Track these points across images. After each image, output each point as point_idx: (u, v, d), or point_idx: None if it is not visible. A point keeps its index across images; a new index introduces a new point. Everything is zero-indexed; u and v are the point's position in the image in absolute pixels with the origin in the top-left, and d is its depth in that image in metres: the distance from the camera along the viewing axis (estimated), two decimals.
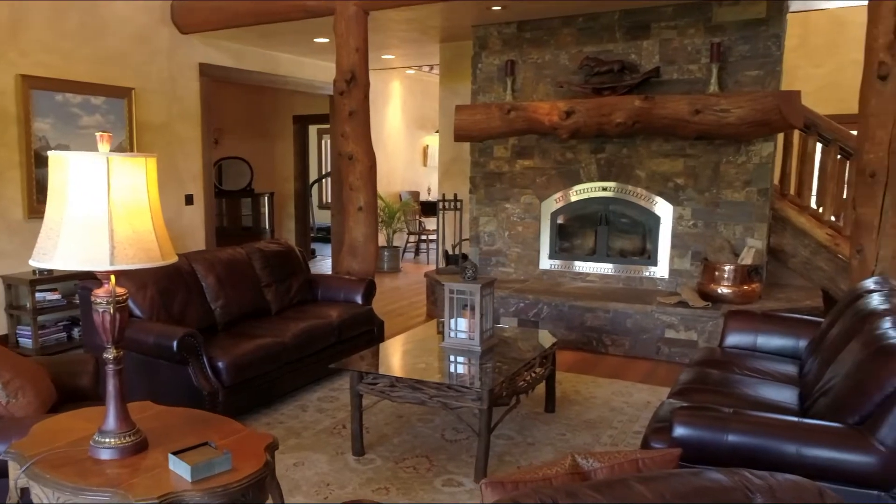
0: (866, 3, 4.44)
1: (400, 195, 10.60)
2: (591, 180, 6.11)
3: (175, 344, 3.59)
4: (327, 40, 6.57)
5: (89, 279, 3.94)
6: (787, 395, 3.23)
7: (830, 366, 2.98)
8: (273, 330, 4.26)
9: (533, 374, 3.78)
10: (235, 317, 4.42)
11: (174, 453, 1.98)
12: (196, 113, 6.63)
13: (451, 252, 7.07)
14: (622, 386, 4.69)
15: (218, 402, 3.67)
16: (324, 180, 12.86)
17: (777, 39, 5.48)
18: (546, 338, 4.20)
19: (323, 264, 9.95)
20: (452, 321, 3.86)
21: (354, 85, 5.35)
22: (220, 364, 3.75)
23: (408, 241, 10.85)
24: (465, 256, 6.86)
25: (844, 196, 6.33)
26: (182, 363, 3.66)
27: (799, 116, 5.32)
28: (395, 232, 9.69)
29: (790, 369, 3.63)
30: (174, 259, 2.09)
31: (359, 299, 5.01)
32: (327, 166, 12.74)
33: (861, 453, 2.33)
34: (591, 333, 5.55)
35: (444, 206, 6.92)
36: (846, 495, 2.35)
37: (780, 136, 6.02)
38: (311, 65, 8.14)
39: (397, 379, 3.43)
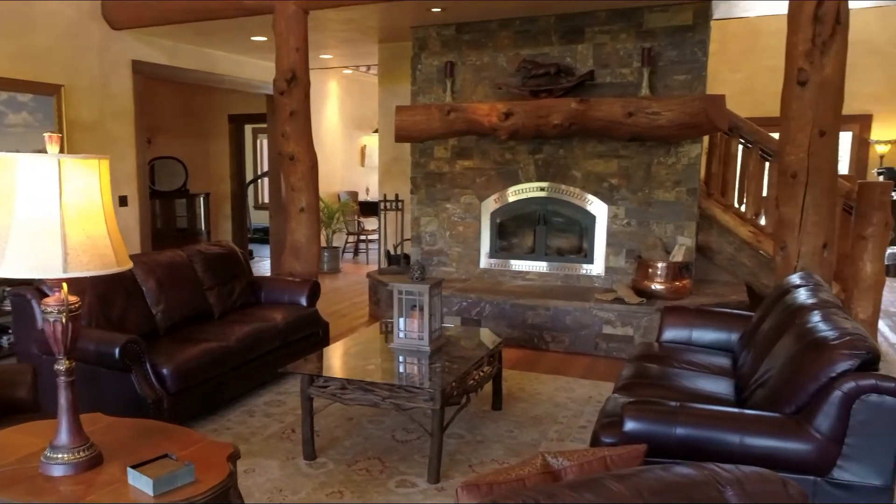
0: (783, 12, 4.62)
1: (338, 195, 10.49)
2: (530, 180, 6.20)
3: (117, 351, 3.46)
4: (265, 39, 6.45)
5: (22, 285, 3.75)
6: (723, 387, 3.36)
7: (765, 359, 3.11)
8: (217, 334, 4.16)
9: (481, 373, 3.81)
10: (177, 321, 4.28)
11: (133, 467, 1.91)
12: (129, 111, 6.38)
13: (392, 252, 7.05)
14: (564, 382, 4.78)
15: (163, 409, 3.55)
16: (259, 181, 12.61)
17: (703, 45, 5.68)
18: (492, 336, 4.24)
19: (261, 266, 9.77)
20: (401, 321, 3.85)
21: (295, 85, 5.27)
22: (164, 371, 3.64)
23: (347, 242, 10.75)
24: (406, 257, 6.85)
25: (764, 195, 6.63)
26: (124, 371, 3.53)
27: (724, 119, 5.53)
28: (334, 232, 9.58)
29: (724, 362, 3.78)
30: (129, 265, 2.02)
31: (303, 301, 4.94)
32: (262, 166, 12.50)
33: (799, 441, 2.45)
34: (532, 331, 5.63)
35: (385, 207, 6.89)
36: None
37: (706, 138, 6.24)
38: (248, 63, 7.96)
39: (349, 381, 3.40)
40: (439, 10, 5.70)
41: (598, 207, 6.02)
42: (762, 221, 6.54)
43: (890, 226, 5.52)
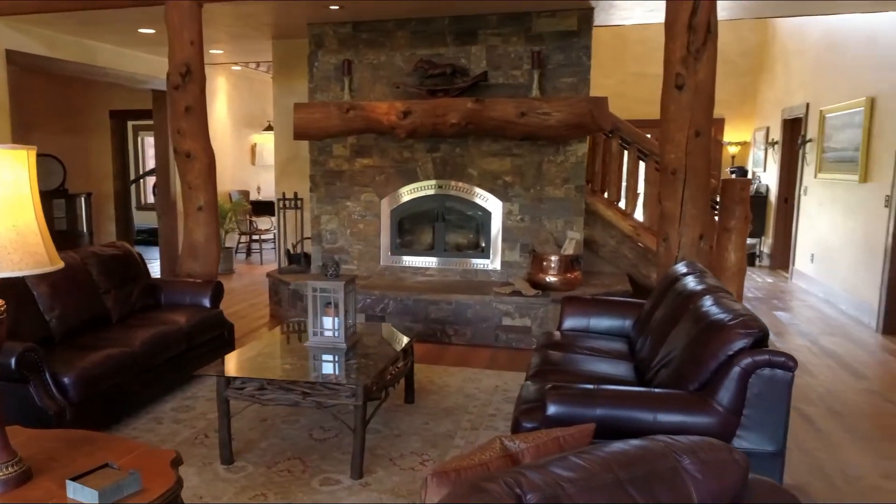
0: (658, 21, 4.89)
1: (230, 195, 10.12)
2: (428, 178, 6.27)
3: (14, 361, 3.19)
4: (154, 31, 6.13)
5: None
6: (623, 370, 3.55)
7: (665, 342, 3.32)
8: (118, 339, 3.92)
9: (397, 368, 3.82)
10: (74, 327, 4.00)
11: (73, 479, 1.79)
12: (3, 105, 5.87)
13: (292, 251, 6.90)
14: (471, 373, 4.87)
15: (66, 421, 3.32)
16: (141, 180, 11.92)
17: (587, 50, 5.95)
18: (401, 332, 4.27)
19: (150, 268, 9.24)
20: (316, 319, 3.79)
21: (190, 79, 5.05)
22: (65, 380, 3.39)
23: (239, 242, 10.39)
24: (307, 255, 6.73)
25: (639, 191, 7.04)
26: (22, 382, 3.26)
27: (608, 120, 5.83)
28: (226, 232, 9.24)
29: (621, 346, 3.99)
30: (60, 264, 1.88)
31: (206, 302, 4.75)
32: (145, 165, 11.85)
33: (704, 415, 2.63)
34: (435, 325, 5.70)
35: (283, 205, 6.73)
36: None
37: (589, 138, 6.54)
38: (133, 56, 7.52)
39: (268, 381, 3.32)
40: (337, 7, 5.64)
41: (493, 204, 6.18)
42: (638, 216, 6.95)
43: (749, 219, 6.00)
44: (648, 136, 7.20)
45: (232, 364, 3.57)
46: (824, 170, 7.96)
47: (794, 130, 9.47)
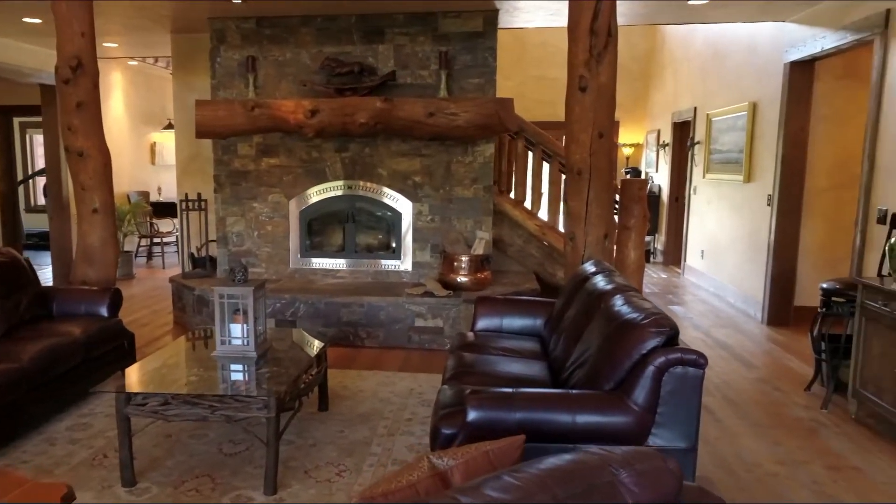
0: (561, 25, 4.92)
1: (128, 196, 9.51)
2: (337, 179, 6.09)
3: None
4: (40, 21, 5.63)
5: None
6: (537, 370, 3.53)
7: (579, 342, 3.32)
8: (6, 354, 3.55)
9: (310, 376, 3.65)
10: None
11: None
12: None
13: (196, 255, 6.53)
14: (384, 376, 4.75)
15: None
16: (30, 180, 11.03)
17: (492, 51, 5.94)
18: (314, 337, 4.09)
19: (42, 275, 8.53)
20: (224, 327, 3.56)
21: (82, 73, 4.66)
22: None
23: (140, 246, 9.78)
24: (212, 259, 6.39)
25: (543, 191, 7.10)
26: None
27: (514, 121, 5.84)
28: (125, 236, 8.67)
29: (534, 346, 3.98)
30: None
31: (104, 311, 4.39)
32: (33, 164, 10.97)
33: (621, 414, 2.62)
34: (347, 328, 5.53)
35: (186, 207, 6.36)
36: None
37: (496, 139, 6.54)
38: (17, 48, 6.91)
39: (173, 396, 3.08)
40: (239, 1, 5.36)
41: (403, 204, 6.07)
42: (542, 214, 7.01)
43: (647, 217, 6.17)
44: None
45: (133, 378, 3.30)
46: (712, 170, 8.30)
47: (683, 133, 9.86)
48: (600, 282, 3.62)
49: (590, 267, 4.10)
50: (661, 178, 10.65)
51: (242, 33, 6.01)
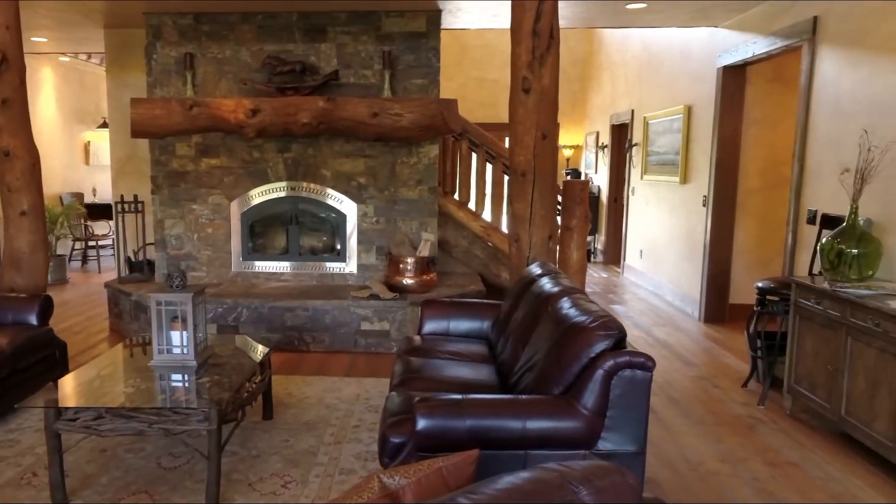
0: (502, 27, 4.88)
1: (61, 197, 9.04)
2: (280, 180, 5.91)
3: None
4: None
5: None
6: (486, 374, 3.48)
7: (527, 345, 3.27)
8: None
9: (254, 384, 3.51)
10: None
11: None
12: None
13: (134, 259, 6.24)
14: (330, 382, 4.62)
15: None
16: None
17: (436, 52, 5.87)
18: (258, 343, 3.94)
19: None
20: (162, 335, 3.38)
21: (7, 68, 4.38)
22: None
23: (73, 249, 9.31)
24: (150, 263, 6.11)
25: (486, 192, 7.08)
26: None
27: (458, 122, 5.79)
28: (58, 239, 8.23)
29: (482, 349, 3.92)
30: None
31: (33, 319, 4.13)
32: None
33: (572, 419, 2.58)
34: (292, 333, 5.37)
35: (122, 209, 6.06)
36: (557, 458, 2.58)
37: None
38: None
39: (107, 409, 2.89)
40: None
41: (348, 206, 5.94)
42: (486, 216, 6.99)
43: (589, 218, 6.22)
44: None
45: (64, 391, 3.10)
46: (649, 172, 8.44)
47: (621, 135, 10.01)
48: (546, 284, 3.59)
49: (535, 269, 4.07)
50: (600, 179, 10.80)
51: (180, 29, 5.77)
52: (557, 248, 5.21)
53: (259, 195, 5.95)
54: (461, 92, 9.98)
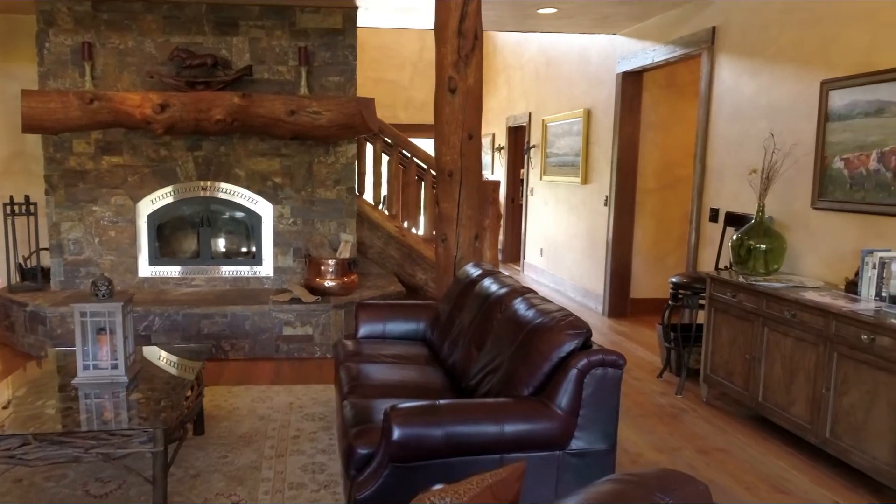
0: (421, 27, 4.79)
1: None
2: (190, 179, 5.49)
3: None
4: None
5: None
6: (436, 376, 3.38)
7: (483, 347, 3.20)
8: None
9: (191, 399, 3.21)
10: None
11: None
12: None
13: (25, 265, 5.56)
14: (258, 391, 4.33)
15: None
16: None
17: (352, 49, 5.69)
18: (187, 354, 3.62)
19: None
20: (87, 350, 3.02)
21: None
22: None
23: None
24: (44, 270, 5.48)
25: (400, 193, 6.96)
26: None
27: (375, 121, 5.64)
28: None
29: (422, 350, 3.82)
30: None
31: None
32: None
33: (548, 420, 2.53)
34: (210, 341, 5.00)
35: (11, 211, 5.38)
36: (533, 460, 2.53)
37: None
38: None
39: (34, 435, 2.53)
40: None
41: (263, 207, 5.62)
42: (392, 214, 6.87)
43: (500, 217, 6.27)
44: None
45: None
46: (549, 173, 8.62)
47: (518, 137, 10.19)
48: (491, 286, 3.54)
49: (473, 270, 4.01)
50: (495, 179, 10.94)
51: (76, 17, 5.22)
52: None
53: (167, 196, 5.50)
54: (359, 92, 9.77)
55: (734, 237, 4.28)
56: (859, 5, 3.79)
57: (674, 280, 4.84)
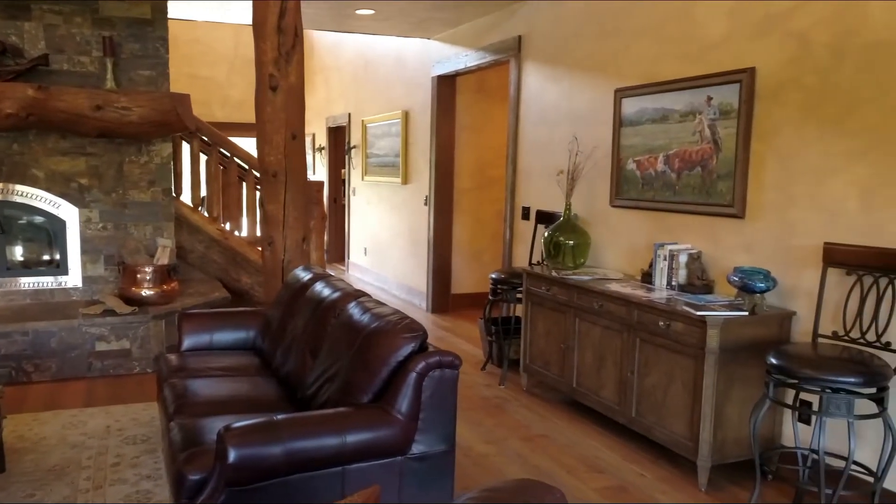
0: (235, 21, 4.49)
1: None
2: None
3: None
4: None
5: None
6: (269, 387, 3.17)
7: (319, 355, 3.04)
8: None
9: None
10: None
11: None
12: None
13: None
14: (69, 416, 3.80)
15: None
16: None
17: (163, 42, 5.23)
18: None
19: None
20: None
21: None
22: None
23: None
24: None
25: (220, 195, 6.51)
26: None
27: (192, 119, 5.21)
28: None
29: (252, 360, 3.58)
30: None
31: None
32: None
33: (389, 427, 2.43)
34: (7, 363, 4.29)
35: None
36: (374, 469, 2.44)
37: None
38: None
39: None
40: None
41: (67, 211, 4.95)
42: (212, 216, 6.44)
43: (325, 218, 6.10)
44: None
45: None
46: (370, 173, 8.56)
47: (338, 137, 10.01)
48: (324, 290, 3.39)
49: (303, 273, 3.83)
50: (318, 180, 10.68)
51: None
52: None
53: None
54: (173, 88, 9.01)
55: (545, 234, 4.49)
56: (646, 21, 4.11)
57: (493, 276, 4.97)
